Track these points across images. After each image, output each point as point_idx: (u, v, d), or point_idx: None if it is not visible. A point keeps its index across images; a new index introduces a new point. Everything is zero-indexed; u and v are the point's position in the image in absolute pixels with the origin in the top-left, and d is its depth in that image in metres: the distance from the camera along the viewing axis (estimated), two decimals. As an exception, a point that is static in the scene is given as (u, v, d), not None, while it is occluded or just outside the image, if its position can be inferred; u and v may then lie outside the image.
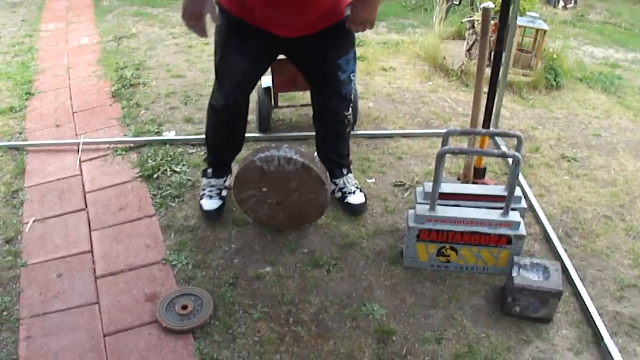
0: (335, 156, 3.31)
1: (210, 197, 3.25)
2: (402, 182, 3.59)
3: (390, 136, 4.10)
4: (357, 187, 3.32)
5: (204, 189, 3.29)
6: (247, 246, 3.07)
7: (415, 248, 2.84)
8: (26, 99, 4.81)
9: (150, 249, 3.05)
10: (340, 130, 3.20)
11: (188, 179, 3.59)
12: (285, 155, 2.81)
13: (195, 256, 3.00)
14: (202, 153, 3.81)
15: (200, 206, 3.25)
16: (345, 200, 3.29)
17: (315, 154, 3.25)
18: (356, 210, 3.26)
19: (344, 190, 3.30)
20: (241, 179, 2.93)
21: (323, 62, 2.87)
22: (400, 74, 5.30)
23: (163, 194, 3.45)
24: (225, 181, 3.29)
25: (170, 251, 3.02)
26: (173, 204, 3.38)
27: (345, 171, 3.34)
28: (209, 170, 3.30)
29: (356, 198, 3.28)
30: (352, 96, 3.06)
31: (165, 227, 3.19)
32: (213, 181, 3.29)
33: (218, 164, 3.28)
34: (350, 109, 3.14)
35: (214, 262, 2.96)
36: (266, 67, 3.07)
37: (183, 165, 3.73)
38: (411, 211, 2.86)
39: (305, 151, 2.90)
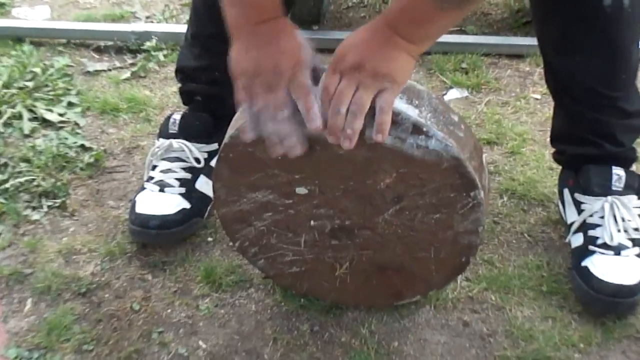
0: (599, 113, 1.64)
1: (163, 186, 1.73)
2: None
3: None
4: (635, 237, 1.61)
5: (153, 166, 1.78)
6: (243, 349, 1.62)
7: None
8: None
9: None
10: (605, 32, 1.57)
11: (82, 146, 2.06)
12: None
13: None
14: (128, 76, 2.29)
15: (132, 206, 1.75)
16: (584, 263, 1.56)
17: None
18: (605, 302, 1.52)
19: (593, 234, 1.60)
20: (236, 160, 1.40)
21: None
22: None
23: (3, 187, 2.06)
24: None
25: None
26: (38, 215, 1.88)
27: (621, 179, 1.65)
28: (175, 118, 1.78)
29: (619, 266, 1.55)
30: None
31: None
32: (177, 144, 1.77)
33: (208, 91, 1.77)
34: None
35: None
36: None
37: (70, 104, 2.20)
38: None
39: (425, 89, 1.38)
